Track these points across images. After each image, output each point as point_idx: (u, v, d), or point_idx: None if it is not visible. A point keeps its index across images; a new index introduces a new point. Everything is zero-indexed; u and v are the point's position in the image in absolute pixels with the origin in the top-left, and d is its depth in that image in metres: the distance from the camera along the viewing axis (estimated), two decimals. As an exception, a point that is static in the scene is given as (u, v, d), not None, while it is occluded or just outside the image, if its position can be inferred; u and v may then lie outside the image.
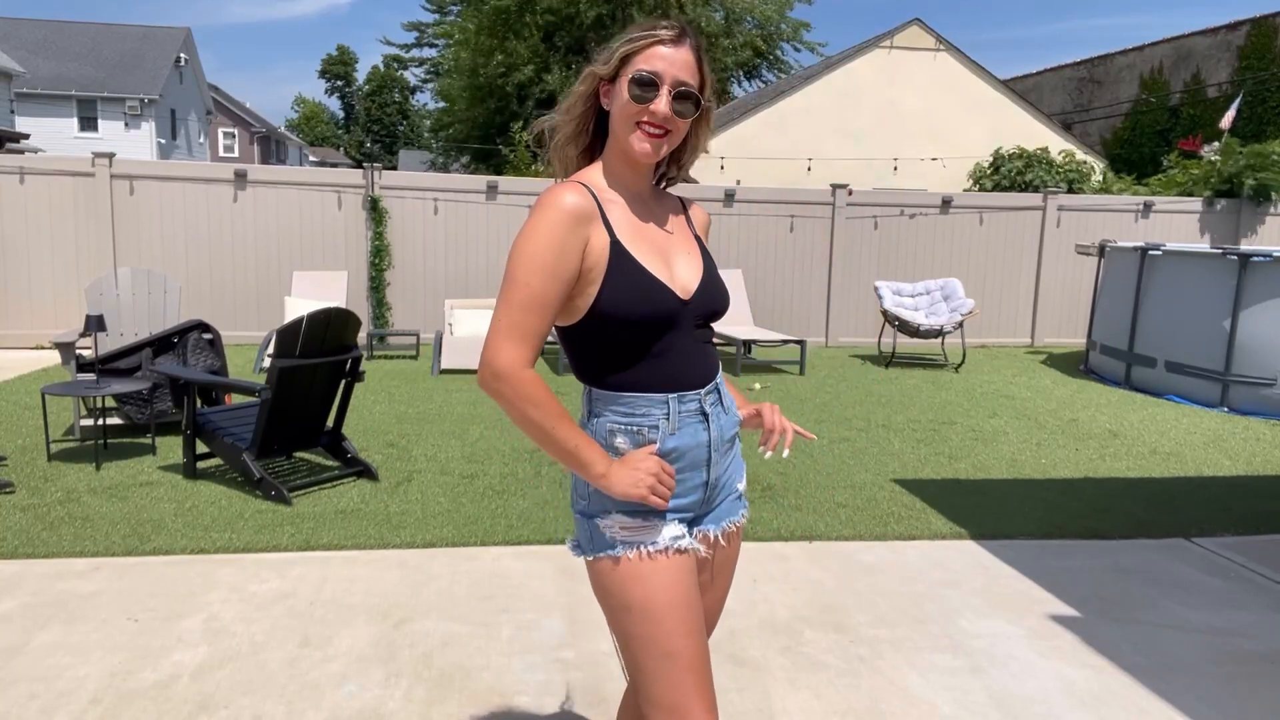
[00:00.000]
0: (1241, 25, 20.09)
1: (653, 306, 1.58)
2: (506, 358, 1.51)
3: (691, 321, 1.65)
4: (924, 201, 11.24)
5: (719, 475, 1.72)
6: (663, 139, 1.59)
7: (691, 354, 1.66)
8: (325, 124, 65.57)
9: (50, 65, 30.32)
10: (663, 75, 1.57)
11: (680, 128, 1.61)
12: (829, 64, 18.97)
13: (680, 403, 1.64)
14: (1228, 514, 4.82)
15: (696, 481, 1.69)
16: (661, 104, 1.57)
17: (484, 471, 5.23)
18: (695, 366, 1.66)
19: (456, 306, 9.29)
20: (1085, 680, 3.01)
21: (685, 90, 1.58)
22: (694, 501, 1.70)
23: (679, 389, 1.64)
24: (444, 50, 21.41)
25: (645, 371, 1.62)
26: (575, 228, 1.54)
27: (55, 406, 6.31)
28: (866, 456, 5.83)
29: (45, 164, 9.69)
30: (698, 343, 1.67)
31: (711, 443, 1.69)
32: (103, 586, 3.55)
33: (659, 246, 1.65)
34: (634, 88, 1.57)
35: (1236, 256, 7.67)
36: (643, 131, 1.58)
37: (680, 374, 1.64)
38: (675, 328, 1.62)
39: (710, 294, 1.68)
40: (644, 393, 1.62)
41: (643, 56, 1.58)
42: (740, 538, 1.83)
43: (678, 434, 1.64)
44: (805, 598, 3.61)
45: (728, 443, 1.74)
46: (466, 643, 3.15)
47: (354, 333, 5.02)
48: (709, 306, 1.68)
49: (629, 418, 1.62)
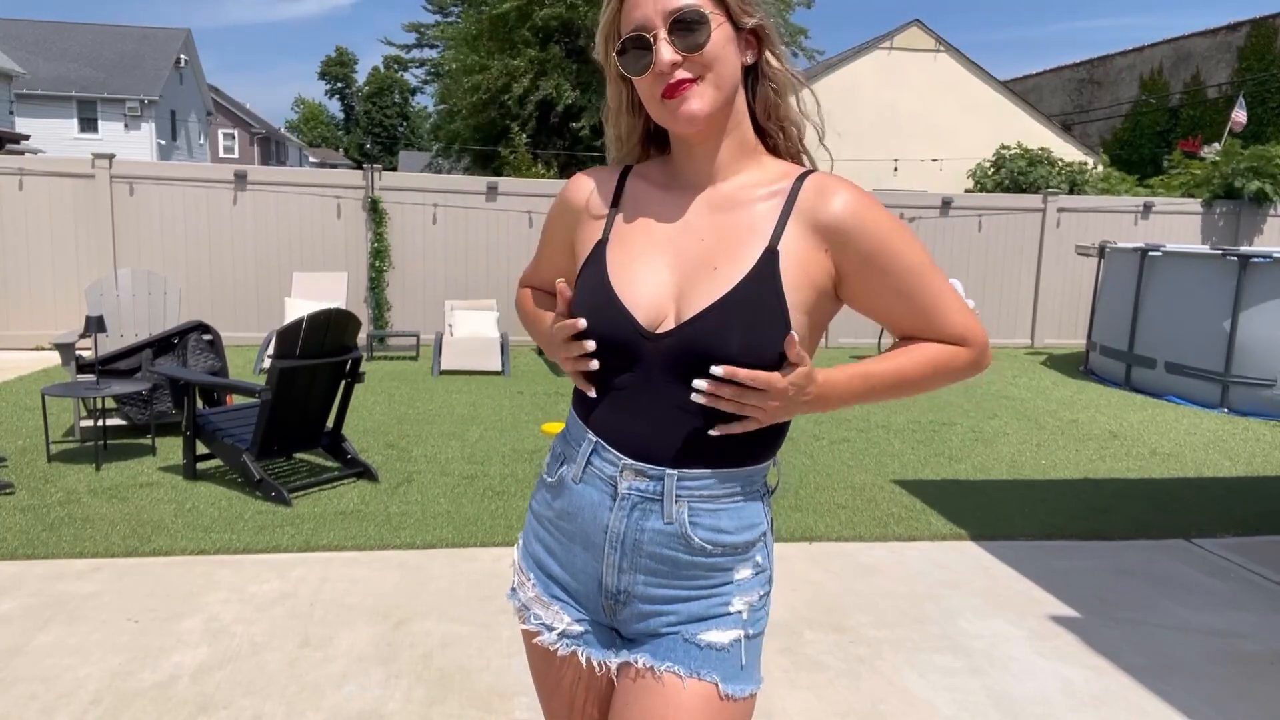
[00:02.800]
0: (1241, 26, 20.12)
1: (598, 326, 1.21)
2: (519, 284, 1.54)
3: (659, 363, 1.20)
4: (924, 202, 11.25)
5: (623, 589, 1.26)
6: (689, 88, 1.17)
7: (642, 411, 1.21)
8: (325, 125, 65.59)
9: (50, 66, 30.33)
10: (649, 20, 1.17)
11: (711, 64, 1.17)
12: (829, 65, 18.98)
13: (594, 455, 1.25)
14: (1228, 515, 4.82)
15: (587, 569, 1.29)
16: (663, 53, 1.17)
17: (484, 472, 5.23)
18: (636, 429, 1.22)
19: (456, 307, 9.29)
20: (1085, 681, 3.01)
21: (683, 15, 1.16)
22: (582, 592, 1.30)
23: (600, 437, 1.25)
24: (443, 52, 21.41)
25: (590, 400, 1.27)
26: (562, 212, 1.37)
27: (55, 407, 6.30)
28: (866, 457, 5.83)
29: (45, 165, 9.69)
30: (666, 403, 1.20)
31: (610, 533, 1.24)
32: (103, 587, 3.55)
33: (674, 258, 1.23)
34: (628, 60, 1.20)
35: (1236, 258, 7.67)
36: (664, 98, 1.19)
37: (612, 425, 1.24)
38: (630, 367, 1.21)
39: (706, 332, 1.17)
40: (579, 419, 1.30)
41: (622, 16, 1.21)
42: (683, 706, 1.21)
43: (580, 487, 1.27)
44: (805, 598, 3.60)
45: (651, 560, 1.24)
46: (466, 643, 3.15)
47: (354, 334, 5.02)
48: (689, 347, 1.17)
49: (563, 440, 1.34)
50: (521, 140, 16.08)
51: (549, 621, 1.33)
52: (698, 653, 1.24)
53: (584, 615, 1.32)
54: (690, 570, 1.25)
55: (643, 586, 1.26)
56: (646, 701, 1.23)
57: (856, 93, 17.60)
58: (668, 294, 1.21)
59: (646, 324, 1.20)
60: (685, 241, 1.24)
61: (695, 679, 1.23)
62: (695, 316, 1.18)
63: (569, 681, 1.34)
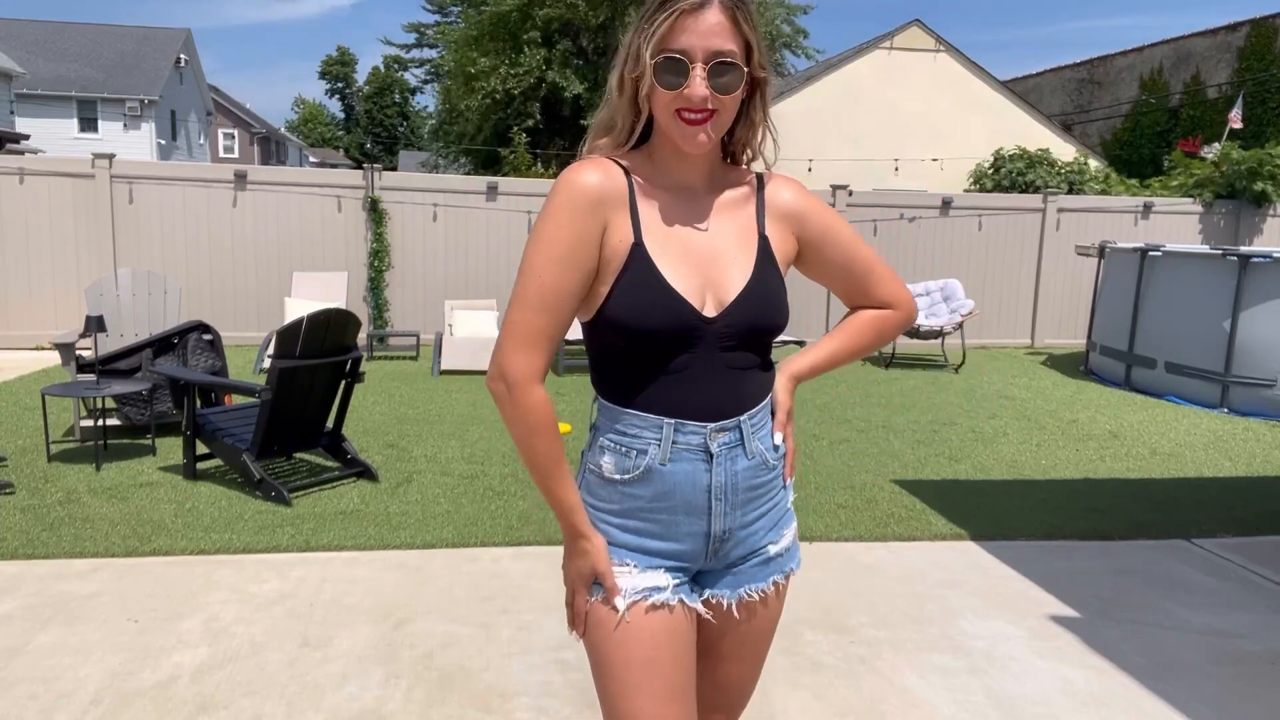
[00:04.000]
0: (1241, 26, 20.12)
1: (662, 320, 1.38)
2: (515, 367, 1.39)
3: (716, 342, 1.42)
4: (924, 202, 11.25)
5: (728, 528, 1.49)
6: (707, 123, 1.36)
7: (710, 380, 1.43)
8: (325, 125, 65.57)
9: (50, 66, 30.32)
10: (692, 51, 1.33)
11: (728, 105, 1.37)
12: (829, 65, 18.97)
13: (678, 433, 1.43)
14: (1228, 515, 4.82)
15: (693, 529, 1.47)
16: (696, 85, 1.33)
17: (484, 472, 5.23)
18: (711, 396, 1.43)
19: (457, 307, 9.29)
20: (1085, 681, 3.01)
21: (724, 61, 1.34)
22: (688, 551, 1.49)
23: (680, 417, 1.42)
24: (444, 53, 21.41)
25: (648, 390, 1.43)
26: (593, 209, 1.38)
27: (55, 407, 6.30)
28: (866, 457, 5.83)
29: (45, 165, 9.69)
30: (725, 368, 1.44)
31: (714, 489, 1.46)
32: (103, 587, 3.55)
33: (696, 251, 1.43)
34: (661, 74, 1.34)
35: (1236, 258, 7.67)
36: (683, 120, 1.36)
37: (687, 400, 1.42)
38: (691, 347, 1.41)
39: (749, 310, 1.43)
40: (641, 412, 1.43)
41: (666, 34, 1.34)
42: (777, 605, 1.59)
43: (670, 467, 1.43)
44: (805, 598, 3.60)
45: (746, 493, 1.49)
46: (467, 643, 3.15)
47: (354, 334, 5.02)
48: (744, 325, 1.43)
49: (621, 436, 1.45)
50: (522, 140, 16.10)
51: (659, 584, 1.47)
52: (781, 560, 1.58)
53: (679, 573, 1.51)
54: (766, 486, 1.53)
55: (741, 517, 1.50)
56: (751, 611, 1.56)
57: (856, 93, 17.60)
58: (702, 283, 1.43)
59: (705, 310, 1.42)
60: (698, 237, 1.45)
61: (784, 578, 1.59)
62: (738, 300, 1.43)
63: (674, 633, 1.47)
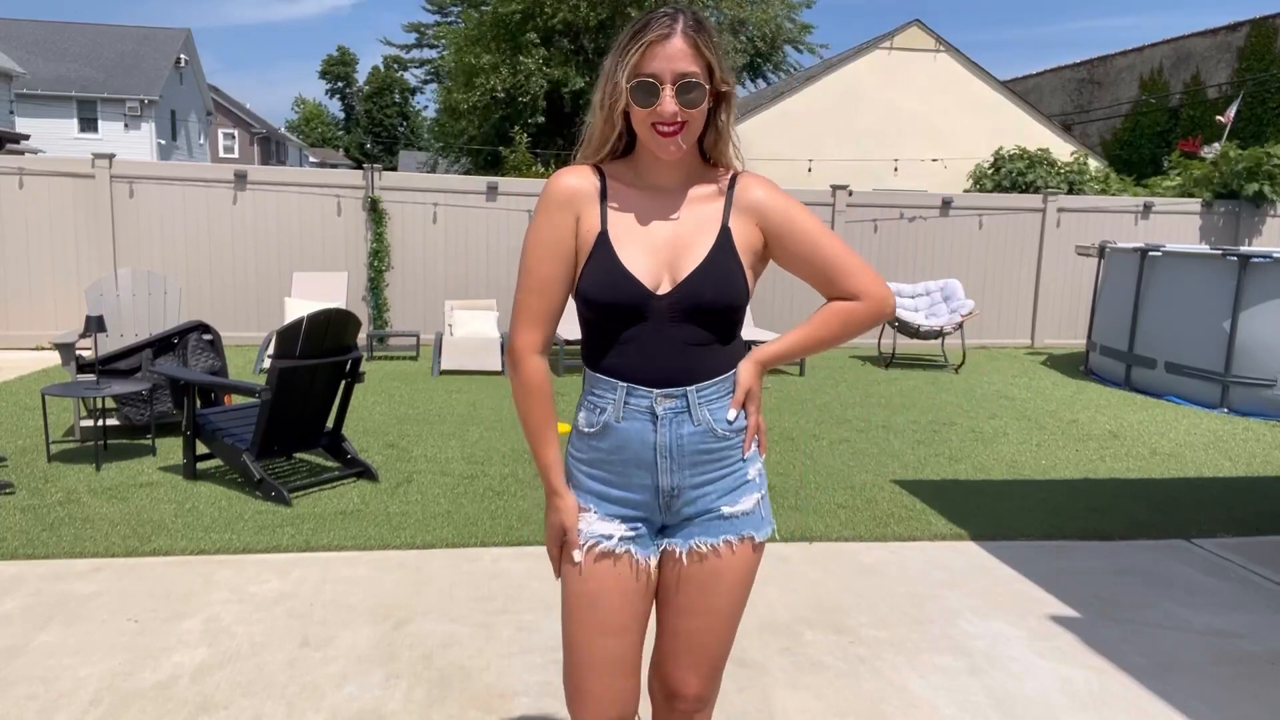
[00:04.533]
0: (1241, 26, 20.10)
1: (616, 295, 1.62)
2: (519, 342, 1.70)
3: (666, 317, 1.63)
4: (924, 202, 11.25)
5: (676, 485, 1.69)
6: (678, 134, 1.59)
7: (658, 351, 1.64)
8: (325, 125, 65.54)
9: (50, 66, 30.32)
10: (661, 74, 1.57)
11: (694, 118, 1.60)
12: (829, 65, 18.97)
13: (629, 395, 1.66)
14: (1228, 515, 4.82)
15: (643, 482, 1.69)
16: (667, 103, 1.57)
17: (484, 472, 5.23)
18: (658, 364, 1.65)
19: (457, 307, 9.28)
20: (1085, 681, 3.01)
21: (688, 82, 1.57)
22: (642, 501, 1.71)
23: (631, 381, 1.65)
24: (444, 53, 21.42)
25: (609, 356, 1.67)
26: (567, 205, 1.67)
27: (55, 407, 6.31)
28: (866, 457, 5.83)
29: (45, 165, 9.69)
30: (675, 341, 1.64)
31: (659, 447, 1.66)
32: (103, 587, 3.55)
33: (660, 239, 1.65)
34: (636, 94, 1.58)
35: (1236, 258, 7.67)
36: (658, 133, 1.59)
37: (637, 368, 1.65)
38: (643, 320, 1.63)
39: (696, 288, 1.62)
40: (604, 376, 1.68)
41: (639, 61, 1.58)
42: (735, 568, 1.74)
43: (623, 424, 1.67)
44: (805, 598, 3.61)
45: (693, 455, 1.68)
46: (466, 643, 3.15)
47: (354, 334, 5.02)
48: (690, 301, 1.63)
49: (591, 396, 1.71)
50: (523, 140, 16.11)
51: (608, 532, 1.70)
52: (733, 523, 1.72)
53: (638, 523, 1.72)
54: (718, 454, 1.70)
55: (690, 477, 1.69)
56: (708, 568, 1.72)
57: (856, 93, 17.59)
58: (661, 267, 1.64)
59: (656, 288, 1.63)
60: (665, 227, 1.67)
61: (739, 539, 1.73)
62: (688, 279, 1.63)
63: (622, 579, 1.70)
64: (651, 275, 1.63)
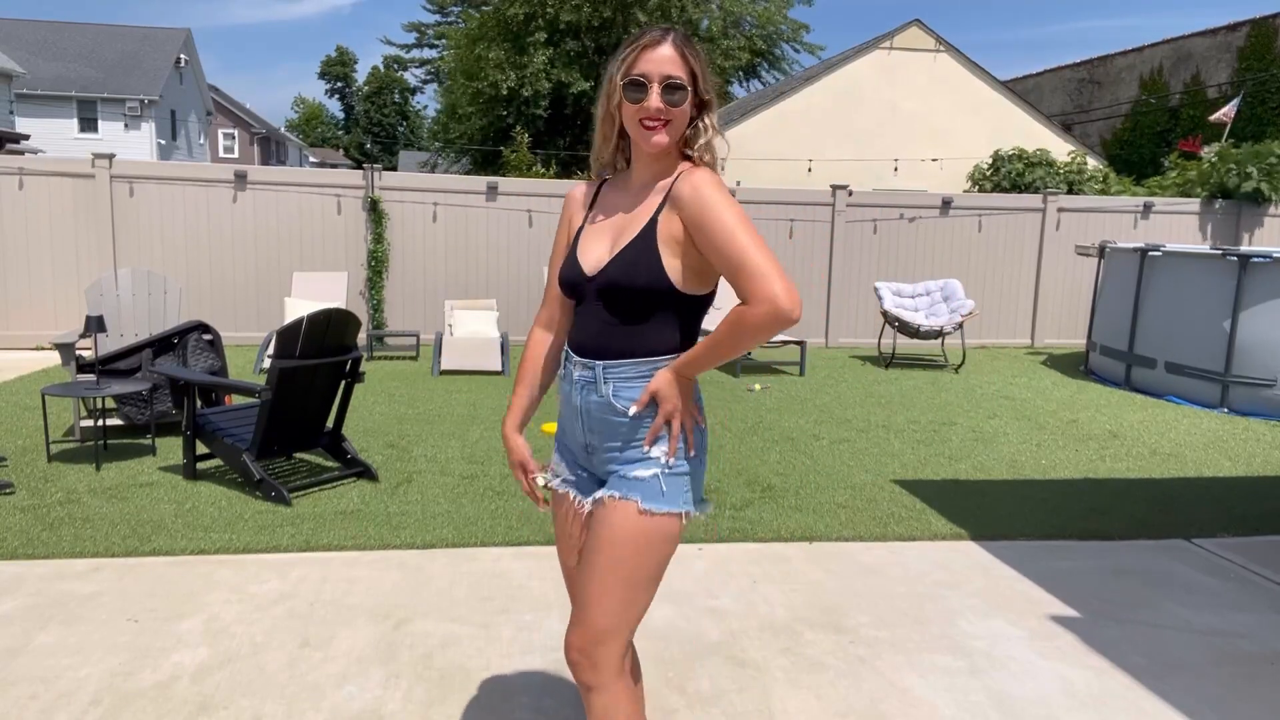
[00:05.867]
0: (1241, 26, 20.10)
1: (564, 275, 1.91)
2: (537, 315, 2.08)
3: (593, 297, 1.85)
4: (924, 202, 11.25)
5: (590, 444, 1.92)
6: (663, 128, 1.78)
7: (586, 325, 1.89)
8: (325, 125, 65.57)
9: (50, 66, 30.31)
10: (650, 75, 1.77)
11: (678, 116, 1.79)
12: (829, 65, 18.96)
13: (567, 361, 1.95)
14: (1228, 515, 4.82)
15: (574, 434, 1.95)
16: (653, 99, 1.77)
17: (484, 472, 5.23)
18: (585, 338, 1.89)
19: (457, 307, 9.28)
20: (1085, 681, 3.01)
21: (673, 83, 1.77)
22: (577, 451, 1.97)
23: (570, 349, 1.94)
24: (444, 53, 21.43)
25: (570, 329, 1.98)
26: (565, 211, 2.03)
27: (55, 407, 6.31)
28: (866, 457, 5.83)
29: (45, 165, 9.69)
30: (598, 320, 1.85)
31: (580, 409, 1.91)
32: (103, 587, 3.55)
33: (612, 230, 1.87)
34: (628, 91, 1.79)
35: (1236, 257, 7.67)
36: (644, 127, 1.79)
37: (574, 339, 1.93)
38: (581, 299, 1.88)
39: (611, 272, 1.81)
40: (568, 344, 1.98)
41: (632, 63, 1.79)
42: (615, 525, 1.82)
43: (564, 385, 1.96)
44: (805, 598, 3.61)
45: (599, 421, 1.88)
46: (466, 643, 3.15)
47: (354, 333, 5.01)
48: (604, 283, 1.82)
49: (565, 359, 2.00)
50: (524, 140, 16.11)
51: (559, 473, 2.02)
52: (627, 484, 1.84)
53: (580, 470, 1.99)
54: (619, 428, 1.86)
55: (597, 440, 1.91)
56: (599, 517, 1.86)
57: (856, 93, 17.58)
58: (605, 252, 1.85)
59: (588, 271, 1.85)
60: (619, 220, 1.88)
61: (622, 499, 1.83)
62: (607, 263, 1.83)
63: (567, 513, 2.00)
64: (594, 261, 1.85)
